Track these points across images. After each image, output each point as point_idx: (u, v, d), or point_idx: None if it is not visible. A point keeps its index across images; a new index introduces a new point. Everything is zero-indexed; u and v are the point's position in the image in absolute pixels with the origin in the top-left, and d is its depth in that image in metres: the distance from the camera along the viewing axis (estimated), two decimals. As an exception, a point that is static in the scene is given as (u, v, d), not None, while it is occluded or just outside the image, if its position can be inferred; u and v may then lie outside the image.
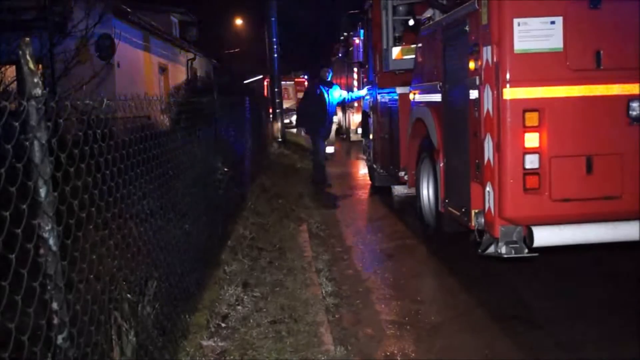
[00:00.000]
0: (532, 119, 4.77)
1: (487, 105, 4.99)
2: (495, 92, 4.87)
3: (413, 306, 5.36)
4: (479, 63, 5.11)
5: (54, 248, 2.33)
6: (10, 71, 10.45)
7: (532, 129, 4.78)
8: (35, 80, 2.34)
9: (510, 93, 4.78)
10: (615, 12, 4.83)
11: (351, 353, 4.35)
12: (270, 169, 13.13)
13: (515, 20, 4.75)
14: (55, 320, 2.29)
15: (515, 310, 5.14)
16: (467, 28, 5.42)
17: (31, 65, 2.35)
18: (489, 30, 4.91)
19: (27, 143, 2.28)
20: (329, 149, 12.06)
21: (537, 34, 4.76)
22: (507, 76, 4.78)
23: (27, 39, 2.39)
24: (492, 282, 5.86)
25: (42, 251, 2.30)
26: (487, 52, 4.95)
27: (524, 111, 4.78)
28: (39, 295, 2.25)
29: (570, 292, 5.48)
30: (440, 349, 4.50)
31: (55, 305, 2.29)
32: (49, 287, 2.29)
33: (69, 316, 2.39)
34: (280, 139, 19.12)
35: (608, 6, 4.80)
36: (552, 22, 4.75)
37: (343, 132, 23.79)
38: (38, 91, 2.34)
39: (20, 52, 2.33)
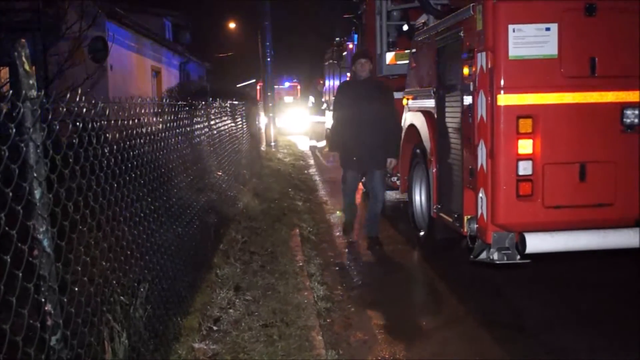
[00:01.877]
0: (525, 125, 4.79)
1: (481, 111, 5.02)
2: (489, 98, 4.89)
3: (404, 312, 5.37)
4: (473, 69, 5.13)
5: (48, 249, 2.33)
6: (3, 73, 10.43)
7: (526, 135, 4.80)
8: (31, 82, 2.34)
9: (504, 99, 4.80)
10: (611, 19, 4.86)
11: (342, 357, 4.35)
12: (263, 173, 13.13)
13: (510, 27, 4.77)
14: (49, 322, 2.28)
15: (507, 317, 5.16)
16: (461, 34, 5.45)
17: (27, 67, 2.35)
18: (483, 36, 4.93)
19: (22, 145, 2.28)
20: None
21: (532, 41, 4.78)
22: (502, 82, 4.80)
23: (23, 40, 2.38)
24: (484, 289, 5.87)
25: (36, 252, 2.30)
26: (481, 58, 4.97)
27: (518, 117, 4.79)
28: (33, 297, 2.25)
29: (562, 300, 5.49)
30: (432, 354, 4.50)
31: (49, 307, 2.29)
32: (42, 289, 2.29)
33: (62, 318, 2.39)
34: (272, 143, 19.13)
35: (603, 13, 4.83)
36: (547, 29, 4.77)
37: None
38: (33, 93, 2.34)
39: (16, 54, 2.33)
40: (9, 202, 2.11)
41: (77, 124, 2.85)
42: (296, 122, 32.38)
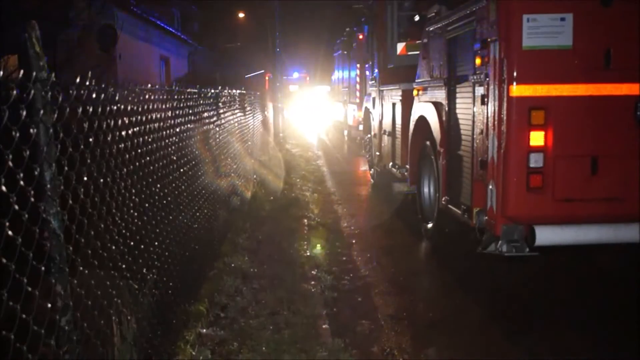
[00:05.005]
0: (538, 117, 4.74)
1: (493, 102, 4.97)
2: (501, 89, 4.84)
3: (411, 302, 5.35)
4: (486, 59, 5.08)
5: (58, 231, 2.32)
6: (12, 60, 10.45)
7: (538, 127, 4.75)
8: (41, 63, 2.32)
9: (516, 90, 4.75)
10: (627, 10, 4.78)
11: (349, 346, 4.34)
12: (270, 163, 13.12)
13: (525, 16, 4.71)
14: (59, 303, 2.28)
15: (513, 311, 5.12)
16: (474, 23, 5.40)
17: (37, 48, 2.33)
18: (497, 26, 4.88)
19: (33, 126, 2.26)
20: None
21: (546, 31, 4.72)
22: (515, 73, 4.75)
23: (34, 21, 2.36)
24: (492, 281, 5.85)
25: (46, 234, 2.29)
26: (494, 49, 4.92)
27: (530, 109, 4.74)
28: (43, 278, 2.24)
29: (569, 296, 5.46)
30: (437, 345, 4.49)
31: (59, 288, 2.28)
32: (53, 270, 2.28)
33: (72, 299, 2.39)
34: (281, 134, 19.11)
35: (620, 4, 4.75)
36: (562, 19, 4.71)
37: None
38: (44, 74, 2.32)
39: (27, 35, 2.31)
40: (20, 184, 2.10)
41: (87, 107, 2.83)
42: (305, 113, 32.45)
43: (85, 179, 2.72)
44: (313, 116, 31.74)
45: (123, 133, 3.31)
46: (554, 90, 4.76)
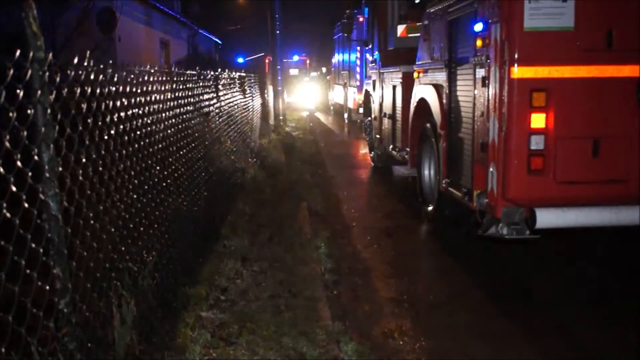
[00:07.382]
0: (539, 99, 4.70)
1: (494, 84, 4.94)
2: (502, 70, 4.81)
3: (411, 285, 5.35)
4: (487, 41, 5.04)
5: (57, 213, 2.31)
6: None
7: (539, 109, 4.72)
8: (39, 43, 2.30)
9: (518, 72, 4.71)
10: None
11: (349, 329, 4.35)
12: (271, 146, 13.10)
13: None
14: (58, 285, 2.27)
15: (514, 292, 5.14)
16: (475, 5, 5.35)
17: (34, 28, 2.31)
18: (498, 7, 4.83)
19: (31, 107, 2.25)
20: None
21: (548, 12, 4.67)
22: (516, 55, 4.71)
23: (31, 1, 2.34)
24: (492, 264, 5.85)
25: (44, 215, 2.28)
26: (495, 30, 4.88)
27: (532, 91, 4.71)
28: (42, 260, 2.23)
29: (570, 276, 5.47)
30: (438, 327, 4.49)
31: (57, 270, 2.27)
32: (51, 252, 2.27)
33: (71, 282, 2.38)
34: (281, 116, 19.05)
35: None
36: (564, 0, 4.67)
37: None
38: (41, 54, 2.30)
39: (24, 14, 2.29)
40: (18, 165, 2.08)
41: (86, 88, 2.81)
42: (305, 96, 32.43)
43: (83, 160, 2.70)
44: (313, 99, 31.71)
45: (122, 114, 3.30)
46: (555, 71, 4.72)
